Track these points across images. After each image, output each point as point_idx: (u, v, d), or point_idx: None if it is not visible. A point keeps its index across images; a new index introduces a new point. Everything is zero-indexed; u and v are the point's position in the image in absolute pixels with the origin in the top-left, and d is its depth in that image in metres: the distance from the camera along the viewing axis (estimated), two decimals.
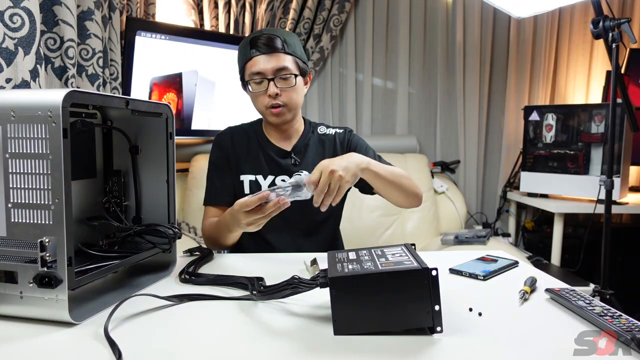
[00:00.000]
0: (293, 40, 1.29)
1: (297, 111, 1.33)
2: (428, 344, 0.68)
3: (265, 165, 1.35)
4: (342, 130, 1.42)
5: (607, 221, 1.64)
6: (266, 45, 1.25)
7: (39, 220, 0.70)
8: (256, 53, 1.25)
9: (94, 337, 0.69)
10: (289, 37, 1.29)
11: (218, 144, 1.40)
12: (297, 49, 1.30)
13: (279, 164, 1.35)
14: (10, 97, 0.72)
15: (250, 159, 1.36)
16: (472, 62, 2.76)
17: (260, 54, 1.25)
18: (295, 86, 1.28)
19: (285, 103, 1.27)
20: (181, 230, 1.28)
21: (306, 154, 1.37)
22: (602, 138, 2.24)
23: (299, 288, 0.76)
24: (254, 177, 1.34)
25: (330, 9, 2.55)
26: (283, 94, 1.27)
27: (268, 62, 1.25)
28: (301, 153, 1.37)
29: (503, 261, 1.08)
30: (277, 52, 1.25)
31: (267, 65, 1.25)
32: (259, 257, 1.17)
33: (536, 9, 1.93)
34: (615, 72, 1.57)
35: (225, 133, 1.41)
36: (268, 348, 0.67)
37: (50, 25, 1.40)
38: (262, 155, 1.36)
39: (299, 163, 1.35)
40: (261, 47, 1.25)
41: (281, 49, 1.25)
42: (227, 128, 1.43)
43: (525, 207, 2.82)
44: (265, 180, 1.34)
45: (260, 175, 1.34)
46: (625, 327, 0.68)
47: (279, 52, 1.25)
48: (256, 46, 1.25)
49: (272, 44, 1.25)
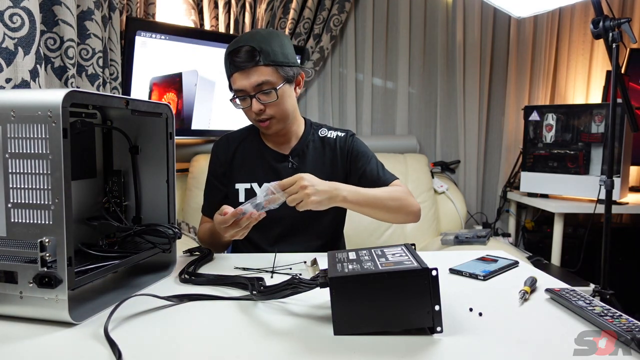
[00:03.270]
0: (271, 47, 1.21)
1: (288, 119, 1.29)
2: (428, 344, 0.68)
3: (261, 172, 1.33)
4: (344, 133, 1.38)
5: (607, 221, 1.64)
6: (242, 61, 1.19)
7: (38, 220, 0.70)
8: (234, 70, 1.22)
9: (94, 337, 0.69)
10: (266, 45, 1.20)
11: (214, 153, 1.40)
12: (277, 55, 1.21)
13: (275, 170, 1.32)
14: (10, 97, 0.72)
15: (246, 167, 1.35)
16: (472, 62, 2.76)
17: (237, 71, 1.21)
18: (278, 100, 1.22)
19: (271, 116, 1.24)
20: (181, 230, 1.28)
21: (306, 157, 1.34)
22: (602, 138, 2.24)
23: (299, 288, 0.76)
24: (249, 185, 1.33)
25: (330, 9, 2.55)
26: (268, 109, 1.23)
27: (246, 79, 1.20)
28: (300, 156, 1.34)
29: (503, 261, 1.08)
30: (254, 67, 1.19)
31: (245, 83, 1.20)
32: (259, 257, 1.17)
33: (536, 9, 1.93)
34: (615, 72, 1.57)
35: (221, 142, 1.41)
36: (268, 348, 0.67)
37: (50, 25, 1.40)
38: (258, 161, 1.34)
39: (296, 167, 1.32)
40: (238, 64, 1.20)
41: (258, 61, 1.19)
42: (224, 136, 1.42)
43: (525, 207, 2.82)
44: (260, 187, 1.32)
45: (256, 182, 1.33)
46: (626, 327, 0.68)
47: (256, 66, 1.19)
48: (234, 63, 1.21)
49: (248, 58, 1.19)
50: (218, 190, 1.38)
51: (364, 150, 1.37)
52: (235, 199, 1.33)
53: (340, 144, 1.36)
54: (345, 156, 1.35)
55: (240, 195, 1.33)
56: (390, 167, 2.44)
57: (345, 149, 1.35)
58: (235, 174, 1.35)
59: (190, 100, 2.20)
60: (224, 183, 1.37)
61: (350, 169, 1.35)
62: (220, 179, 1.37)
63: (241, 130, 1.42)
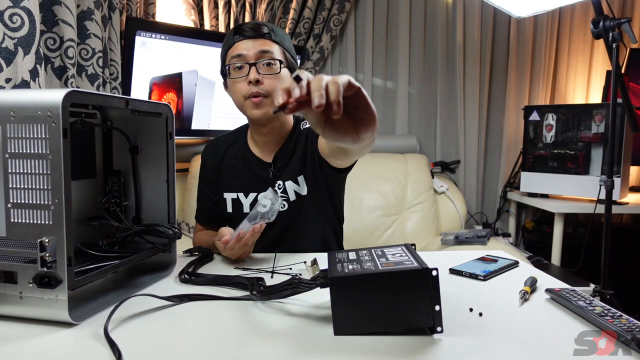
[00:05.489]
0: (282, 33, 1.21)
1: None
2: (428, 344, 0.67)
3: (247, 181, 1.27)
4: None
5: (607, 221, 1.64)
6: (251, 29, 1.16)
7: (38, 220, 0.70)
8: (239, 38, 1.16)
9: (94, 337, 0.69)
10: (278, 30, 1.20)
11: (203, 159, 1.36)
12: (285, 41, 1.21)
13: (260, 178, 1.26)
14: (10, 97, 0.72)
15: (233, 175, 1.29)
16: (472, 62, 2.76)
17: (244, 39, 1.16)
18: (280, 74, 1.16)
19: (267, 92, 1.15)
20: (181, 230, 1.28)
21: (289, 163, 1.25)
22: (602, 138, 2.24)
23: (299, 288, 0.76)
24: (235, 194, 1.28)
25: (330, 9, 2.55)
26: (265, 82, 1.15)
27: (251, 45, 1.15)
28: (283, 163, 1.25)
29: (503, 261, 1.08)
30: (262, 38, 1.16)
31: (249, 47, 1.15)
32: (259, 257, 1.17)
33: (536, 9, 1.93)
34: (615, 72, 1.57)
35: (209, 146, 1.36)
36: (268, 348, 0.67)
37: (50, 25, 1.40)
38: (244, 170, 1.28)
39: (278, 176, 1.25)
40: (246, 32, 1.16)
41: (267, 34, 1.16)
42: (212, 140, 1.37)
43: (525, 207, 2.82)
44: (247, 198, 1.27)
45: (242, 192, 1.27)
46: (626, 327, 0.67)
47: (265, 38, 1.16)
48: (240, 31, 1.16)
49: (258, 29, 1.16)
50: (208, 198, 1.35)
51: None
52: (224, 210, 1.30)
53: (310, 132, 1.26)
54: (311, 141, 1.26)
55: (227, 206, 1.29)
56: (390, 167, 2.47)
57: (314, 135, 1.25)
58: (223, 182, 1.30)
59: (190, 100, 2.20)
60: (213, 191, 1.33)
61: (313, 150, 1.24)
62: (209, 186, 1.34)
63: (230, 133, 1.37)
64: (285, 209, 1.25)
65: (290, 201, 1.25)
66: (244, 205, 1.27)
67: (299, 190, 1.25)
